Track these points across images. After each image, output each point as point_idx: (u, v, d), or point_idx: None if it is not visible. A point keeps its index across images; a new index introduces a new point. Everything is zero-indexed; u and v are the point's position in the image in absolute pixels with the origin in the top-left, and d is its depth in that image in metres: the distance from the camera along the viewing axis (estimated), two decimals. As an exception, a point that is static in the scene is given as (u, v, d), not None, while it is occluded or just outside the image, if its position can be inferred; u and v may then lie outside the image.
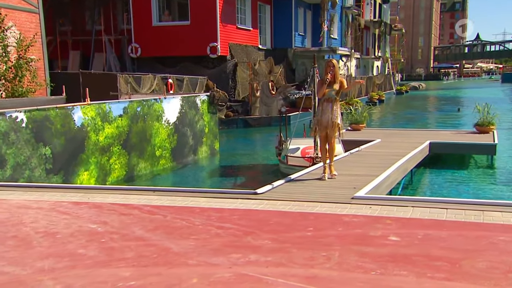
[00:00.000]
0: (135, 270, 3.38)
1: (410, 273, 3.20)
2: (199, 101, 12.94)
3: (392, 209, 4.86)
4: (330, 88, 6.52)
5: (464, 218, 4.48)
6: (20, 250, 3.87)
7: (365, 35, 42.07)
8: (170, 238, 4.09)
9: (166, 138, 11.51)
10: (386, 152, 9.84)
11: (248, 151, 15.61)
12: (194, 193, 5.80)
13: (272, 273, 3.27)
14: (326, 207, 5.07)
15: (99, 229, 4.40)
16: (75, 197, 5.79)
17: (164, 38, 21.87)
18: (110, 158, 9.79)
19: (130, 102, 10.39)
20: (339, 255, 3.58)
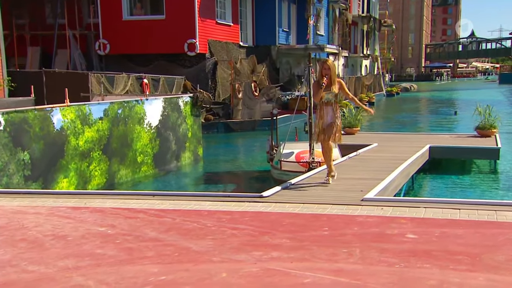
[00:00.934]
0: (161, 266, 3.79)
1: (432, 266, 3.71)
2: (181, 102, 13.35)
3: (405, 210, 5.39)
4: (328, 91, 6.82)
5: (477, 217, 5.04)
6: (35, 251, 4.24)
7: (353, 32, 43.18)
8: (186, 238, 4.52)
9: (148, 143, 11.88)
10: (386, 156, 10.44)
11: (233, 157, 16.06)
12: (198, 197, 6.23)
13: (298, 267, 3.74)
14: (337, 209, 5.57)
15: (109, 232, 4.80)
16: (70, 202, 6.14)
17: (136, 34, 22.19)
18: (90, 164, 10.11)
19: (111, 103, 10.74)
20: (360, 251, 4.07)
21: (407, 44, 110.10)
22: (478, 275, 3.51)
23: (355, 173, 8.22)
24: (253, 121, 21.64)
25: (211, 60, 21.97)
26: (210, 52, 22.31)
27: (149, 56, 22.42)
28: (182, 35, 21.36)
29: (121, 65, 21.97)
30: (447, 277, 3.47)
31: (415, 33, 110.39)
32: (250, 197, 6.14)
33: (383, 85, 50.41)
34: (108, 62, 22.85)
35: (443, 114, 29.96)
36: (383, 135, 14.82)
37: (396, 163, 9.20)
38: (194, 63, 21.93)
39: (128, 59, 22.70)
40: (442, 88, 69.50)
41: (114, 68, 20.75)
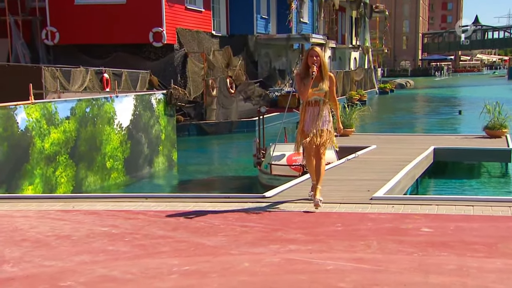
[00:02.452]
0: (181, 259, 4.53)
1: (450, 254, 4.54)
2: (154, 100, 14.04)
3: (416, 207, 6.24)
4: (317, 88, 6.27)
5: (491, 213, 5.92)
6: (44, 249, 4.92)
7: (340, 19, 44.48)
8: (197, 235, 5.26)
9: (118, 146, 12.53)
10: (388, 158, 11.35)
11: (211, 162, 16.80)
12: (196, 199, 6.97)
13: (318, 257, 4.53)
14: (346, 207, 6.39)
15: (113, 231, 5.50)
16: (56, 206, 6.80)
17: (91, 21, 22.74)
18: (56, 169, 10.71)
19: (79, 101, 11.38)
20: (377, 243, 4.89)
21: (401, 33, 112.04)
22: (496, 260, 4.35)
23: (358, 174, 9.07)
24: (230, 122, 22.43)
25: (180, 51, 22.69)
26: (179, 43, 23.04)
27: (106, 47, 23.01)
28: (146, 22, 22.04)
29: (73, 57, 22.48)
30: (465, 262, 4.31)
31: (410, 20, 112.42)
32: (253, 198, 6.91)
33: (375, 81, 51.87)
34: (58, 53, 23.36)
35: (446, 114, 31.30)
36: (381, 137, 15.76)
37: (400, 164, 10.09)
38: (161, 55, 22.62)
39: (81, 51, 23.26)
40: (442, 84, 71.63)
41: (64, 60, 21.25)
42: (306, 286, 3.88)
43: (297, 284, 3.92)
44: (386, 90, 50.85)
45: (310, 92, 6.28)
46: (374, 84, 50.65)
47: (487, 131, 15.01)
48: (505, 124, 14.98)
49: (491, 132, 14.90)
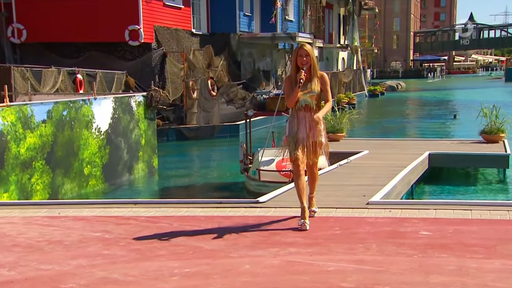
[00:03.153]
0: (181, 262, 4.87)
1: (450, 255, 4.94)
2: (134, 103, 14.35)
3: (414, 212, 6.64)
4: (307, 90, 6.01)
5: (490, 217, 6.33)
6: (37, 254, 5.23)
7: (327, 16, 45.12)
8: (194, 240, 5.60)
9: (96, 151, 12.81)
10: (382, 163, 11.77)
11: (193, 169, 17.13)
12: (188, 204, 7.31)
13: (318, 259, 4.90)
14: (343, 212, 6.77)
15: (106, 236, 5.82)
16: (41, 213, 7.09)
17: (61, 18, 22.97)
18: (32, 176, 10.96)
19: (55, 104, 11.65)
20: (376, 245, 5.27)
21: (391, 32, 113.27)
22: (494, 261, 4.76)
23: (352, 180, 9.47)
24: (212, 126, 22.78)
25: (158, 51, 23.03)
26: (157, 42, 23.38)
27: (78, 46, 23.29)
28: (122, 20, 22.33)
29: (42, 56, 22.70)
30: (464, 263, 4.70)
31: (401, 18, 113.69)
32: (246, 203, 7.27)
33: (365, 83, 52.58)
34: (25, 52, 23.55)
35: (440, 118, 31.95)
36: (374, 142, 16.22)
37: (395, 170, 10.51)
38: (137, 55, 22.93)
39: (50, 49, 23.49)
40: (435, 87, 72.65)
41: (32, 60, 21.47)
42: (308, 286, 4.25)
43: (299, 284, 4.28)
44: (376, 92, 51.55)
45: (300, 95, 6.00)
46: (364, 87, 51.32)
47: (483, 136, 15.48)
48: (502, 129, 15.45)
49: (488, 136, 15.37)
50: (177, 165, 17.61)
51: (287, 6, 32.95)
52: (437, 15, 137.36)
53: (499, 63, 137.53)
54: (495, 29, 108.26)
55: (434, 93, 59.54)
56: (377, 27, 62.66)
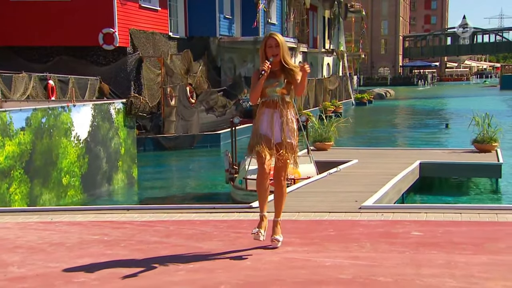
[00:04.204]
0: (185, 259, 5.53)
1: (440, 252, 5.66)
2: (113, 110, 14.98)
3: (406, 215, 7.37)
4: (273, 82, 5.70)
5: (479, 219, 7.08)
6: (42, 254, 5.85)
7: (311, 19, 46.09)
8: (193, 241, 6.27)
9: (75, 160, 13.41)
10: (372, 172, 12.53)
11: (174, 180, 17.77)
12: (181, 209, 7.98)
13: (315, 256, 5.59)
14: (336, 216, 7.48)
15: (105, 238, 6.47)
16: (33, 218, 7.71)
17: (29, 20, 23.51)
18: (10, 185, 11.54)
19: (34, 110, 12.24)
20: (370, 244, 5.98)
21: (379, 36, 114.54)
22: (481, 256, 5.49)
23: (343, 187, 10.21)
24: (191, 136, 23.42)
25: (133, 56, 23.67)
26: (133, 46, 24.01)
27: (47, 50, 23.85)
28: (95, 22, 22.94)
29: (7, 60, 23.14)
30: (453, 258, 5.43)
31: (389, 20, 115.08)
32: (239, 208, 7.95)
33: (351, 90, 53.59)
34: (-12, 56, 24.00)
35: (432, 128, 32.96)
36: (363, 151, 17.00)
37: (386, 178, 11.26)
38: (111, 60, 23.54)
39: (17, 53, 23.98)
40: (426, 95, 73.99)
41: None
42: (308, 277, 4.94)
43: (299, 277, 4.96)
44: (364, 101, 52.55)
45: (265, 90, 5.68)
46: (350, 94, 52.33)
47: (476, 145, 16.28)
48: (495, 138, 16.24)
49: (480, 146, 16.17)
50: (157, 176, 18.23)
51: (269, 8, 33.81)
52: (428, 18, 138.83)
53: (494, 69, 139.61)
54: (490, 33, 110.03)
55: (425, 101, 60.74)
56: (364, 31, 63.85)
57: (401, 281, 4.78)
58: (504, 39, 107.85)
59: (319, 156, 15.16)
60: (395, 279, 4.83)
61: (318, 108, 35.58)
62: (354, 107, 50.37)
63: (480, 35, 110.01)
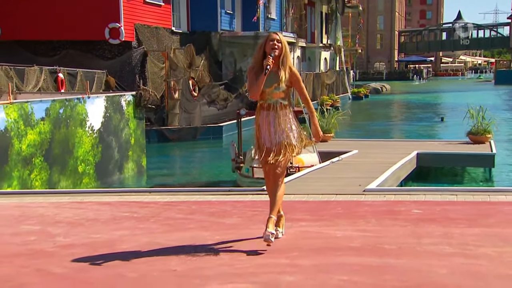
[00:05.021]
0: (210, 232, 6.21)
1: (437, 226, 6.35)
2: (124, 102, 15.64)
3: (406, 196, 8.07)
4: (273, 83, 5.56)
5: (473, 199, 7.78)
6: (82, 228, 6.52)
7: (309, 14, 46.70)
8: (215, 217, 6.95)
9: (90, 149, 14.07)
10: (372, 161, 13.23)
11: (181, 169, 18.46)
12: (199, 192, 8.68)
13: (327, 229, 6.28)
14: (342, 198, 8.17)
15: (135, 215, 7.14)
16: (64, 199, 8.38)
17: (37, 15, 24.13)
18: (32, 172, 12.21)
19: (53, 102, 12.91)
20: (375, 220, 6.67)
21: (375, 31, 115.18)
22: (475, 229, 6.18)
23: (346, 174, 10.91)
24: (195, 128, 24.10)
25: (138, 50, 24.31)
26: (137, 40, 24.65)
27: (54, 44, 24.47)
28: (101, 17, 23.58)
29: (15, 54, 23.80)
30: (450, 230, 6.12)
31: (385, 16, 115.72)
32: (253, 191, 8.64)
33: (348, 85, 54.28)
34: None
35: (427, 121, 33.70)
36: (362, 142, 17.71)
37: (385, 166, 11.96)
38: (117, 54, 24.18)
39: (24, 47, 24.62)
40: (422, 89, 74.81)
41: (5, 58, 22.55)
42: (322, 246, 5.62)
43: (314, 245, 5.64)
44: (360, 95, 53.26)
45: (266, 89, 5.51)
46: (347, 89, 53.02)
47: (470, 137, 17.03)
48: (489, 130, 17.01)
49: (474, 137, 16.92)
50: (163, 166, 18.92)
51: (269, 4, 34.45)
52: (423, 13, 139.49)
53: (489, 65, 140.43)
54: (485, 28, 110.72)
55: (421, 96, 61.51)
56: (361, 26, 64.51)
57: (404, 248, 5.47)
58: (499, 34, 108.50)
59: (320, 147, 15.79)
60: (398, 247, 5.52)
61: (316, 102, 36.21)
62: (351, 101, 51.06)
63: (475, 31, 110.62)
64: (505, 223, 6.43)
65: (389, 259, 5.14)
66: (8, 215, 7.32)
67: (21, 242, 5.94)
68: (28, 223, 6.84)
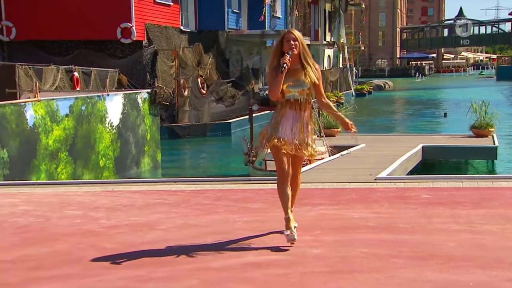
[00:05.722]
0: (238, 215, 6.81)
1: (445, 209, 6.95)
2: (140, 99, 16.25)
3: (415, 184, 8.67)
4: (295, 83, 5.48)
5: (477, 185, 8.38)
6: (120, 212, 7.13)
7: (313, 13, 47.32)
8: (240, 203, 7.55)
9: (109, 144, 14.69)
10: (380, 154, 13.83)
11: (194, 164, 19.08)
12: (221, 182, 9.28)
13: (344, 212, 6.88)
14: (355, 185, 8.77)
15: (166, 202, 7.75)
16: (96, 188, 9.00)
17: (51, 15, 24.76)
18: (58, 166, 12.84)
19: (76, 99, 13.53)
20: (388, 204, 7.28)
21: (377, 28, 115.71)
22: (479, 210, 6.79)
23: (356, 165, 11.52)
24: (204, 125, 24.73)
25: (149, 49, 24.93)
26: (148, 39, 25.26)
27: (68, 44, 25.11)
28: (113, 17, 24.20)
29: (29, 54, 24.49)
30: (457, 212, 6.72)
31: (387, 13, 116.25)
32: (272, 180, 9.22)
33: (351, 82, 54.87)
34: (13, 50, 25.32)
35: (431, 117, 34.30)
36: (369, 137, 18.30)
37: (393, 158, 12.57)
38: (128, 53, 24.81)
39: (39, 47, 25.26)
40: (424, 86, 75.36)
41: (20, 58, 23.21)
42: (342, 225, 6.23)
43: (335, 225, 6.25)
44: (364, 92, 53.92)
45: (285, 87, 5.42)
46: (350, 85, 53.61)
47: (474, 131, 17.64)
48: (491, 123, 17.64)
49: (478, 131, 17.53)
50: (177, 161, 19.56)
51: (275, 3, 35.06)
52: (425, 10, 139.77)
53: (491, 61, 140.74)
54: (486, 25, 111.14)
55: (423, 92, 62.08)
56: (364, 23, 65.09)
57: (416, 226, 6.08)
58: (500, 30, 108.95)
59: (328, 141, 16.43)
60: (411, 225, 6.12)
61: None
62: (354, 98, 51.62)
63: (477, 27, 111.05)
64: (507, 205, 7.03)
65: (403, 235, 5.75)
66: (49, 202, 7.94)
67: (69, 224, 6.55)
68: (70, 208, 7.45)
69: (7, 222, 6.73)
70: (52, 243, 5.79)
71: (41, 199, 8.20)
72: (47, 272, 4.92)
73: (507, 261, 4.88)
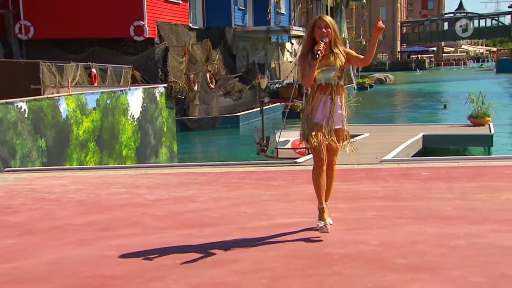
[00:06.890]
0: (263, 190, 7.84)
1: (443, 183, 7.97)
2: (157, 93, 17.27)
3: (416, 164, 9.70)
4: (328, 66, 5.43)
5: (472, 164, 9.42)
6: (158, 190, 8.15)
7: (315, 8, 48.24)
8: (262, 181, 8.58)
9: (131, 135, 15.72)
10: (383, 141, 14.84)
11: (208, 153, 20.09)
12: (241, 165, 10.32)
13: (355, 187, 7.91)
14: (363, 166, 9.80)
15: (197, 181, 8.78)
16: (130, 172, 10.03)
17: (67, 15, 25.75)
18: (87, 155, 13.87)
19: (101, 93, 14.56)
20: (393, 180, 8.31)
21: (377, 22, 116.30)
22: (473, 183, 7.81)
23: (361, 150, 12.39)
24: (214, 118, 25.76)
25: (160, 46, 25.93)
26: (159, 37, 26.27)
27: (83, 41, 26.10)
28: (126, 16, 25.18)
29: (47, 52, 25.46)
30: (452, 185, 7.75)
31: (387, 7, 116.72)
32: (287, 163, 10.28)
33: (353, 75, 55.78)
34: (31, 48, 26.32)
35: (431, 108, 35.30)
36: (372, 127, 19.33)
37: (395, 144, 13.58)
38: (140, 50, 25.79)
39: (56, 45, 26.27)
40: (424, 79, 76.25)
41: (38, 55, 24.21)
42: (353, 196, 7.26)
43: (347, 196, 7.27)
44: (365, 85, 54.84)
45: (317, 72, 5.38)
46: (352, 79, 54.42)
47: (471, 120, 18.64)
48: (488, 113, 18.64)
49: (475, 120, 18.54)
50: (191, 151, 20.57)
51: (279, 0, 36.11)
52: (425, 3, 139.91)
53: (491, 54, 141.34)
54: (486, 18, 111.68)
55: (424, 85, 62.97)
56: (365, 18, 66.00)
57: (417, 196, 7.12)
58: (500, 23, 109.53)
59: (334, 131, 17.43)
60: (413, 195, 7.16)
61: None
62: (356, 92, 52.54)
63: (477, 20, 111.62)
64: (496, 179, 8.06)
65: (406, 202, 6.79)
66: (94, 183, 8.98)
67: (119, 199, 7.59)
68: (114, 187, 8.49)
69: (65, 198, 7.78)
70: (110, 212, 6.83)
71: (86, 180, 9.24)
72: (113, 232, 5.96)
73: (492, 219, 5.91)
